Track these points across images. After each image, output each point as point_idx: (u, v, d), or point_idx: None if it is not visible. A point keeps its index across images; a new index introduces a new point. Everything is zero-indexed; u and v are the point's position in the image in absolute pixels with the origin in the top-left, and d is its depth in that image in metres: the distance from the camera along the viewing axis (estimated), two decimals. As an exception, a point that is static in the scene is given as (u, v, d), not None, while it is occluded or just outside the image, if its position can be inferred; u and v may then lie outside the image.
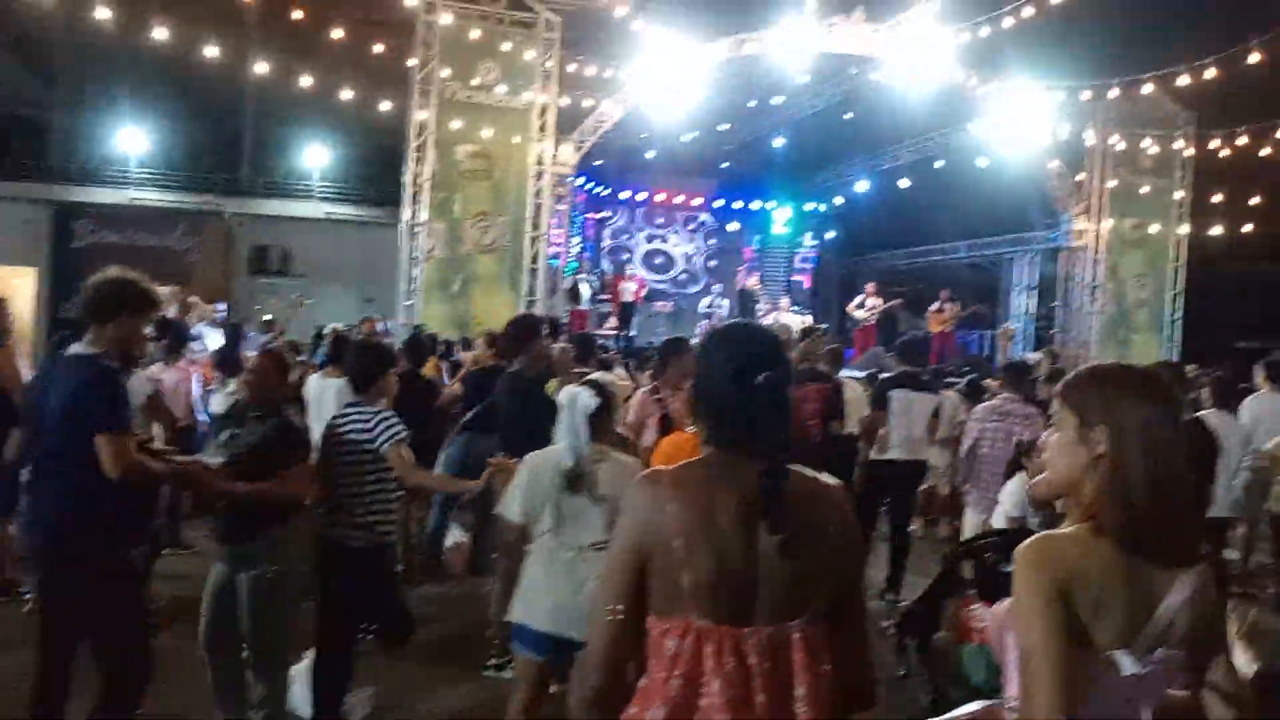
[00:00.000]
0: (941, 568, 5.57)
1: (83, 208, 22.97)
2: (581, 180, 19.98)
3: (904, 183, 20.07)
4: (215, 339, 10.70)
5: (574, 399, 3.74)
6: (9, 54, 23.73)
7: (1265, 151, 16.11)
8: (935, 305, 17.71)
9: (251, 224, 23.59)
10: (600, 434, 4.82)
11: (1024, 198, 18.72)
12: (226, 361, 7.46)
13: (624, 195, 23.14)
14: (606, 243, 23.21)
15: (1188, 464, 1.86)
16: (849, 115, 18.40)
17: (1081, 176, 17.82)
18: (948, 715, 2.22)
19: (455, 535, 6.52)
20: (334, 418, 4.32)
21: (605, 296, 20.36)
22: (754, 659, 1.87)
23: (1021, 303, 20.28)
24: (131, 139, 23.98)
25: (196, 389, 7.70)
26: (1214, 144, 17.05)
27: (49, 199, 22.94)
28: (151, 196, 23.48)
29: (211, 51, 14.65)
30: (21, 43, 22.97)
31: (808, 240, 23.94)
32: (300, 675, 4.33)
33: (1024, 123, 16.66)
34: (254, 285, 22.87)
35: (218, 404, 7.21)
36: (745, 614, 1.88)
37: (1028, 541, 1.88)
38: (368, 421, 4.16)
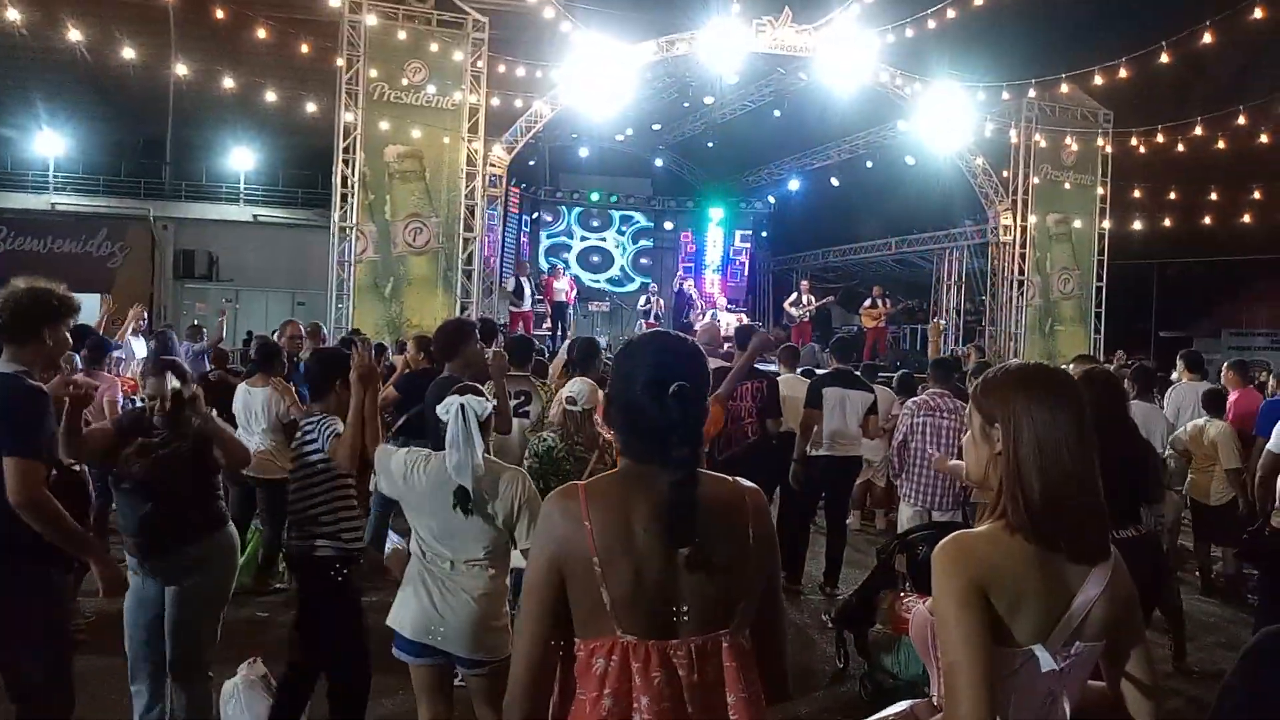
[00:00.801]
0: (877, 561, 5.64)
1: (0, 215, 22.27)
2: (515, 180, 19.88)
3: (834, 181, 20.32)
4: (140, 348, 10.42)
5: (464, 407, 3.41)
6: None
7: (1180, 148, 16.61)
8: (868, 301, 17.95)
9: (177, 228, 23.07)
10: (585, 436, 4.77)
11: (951, 195, 19.08)
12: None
13: (559, 195, 23.09)
14: (543, 243, 23.13)
15: (1088, 459, 1.87)
16: (779, 114, 18.59)
17: (1006, 173, 18.20)
18: (877, 715, 2.23)
19: (394, 541, 6.43)
20: (299, 429, 4.21)
21: (539, 297, 20.29)
22: (683, 671, 1.86)
23: (951, 297, 20.65)
24: (49, 143, 23.27)
25: (120, 400, 7.49)
26: (1131, 141, 17.54)
27: (-39, 206, 22.20)
28: (71, 201, 22.82)
29: (131, 53, 14.30)
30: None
31: (741, 238, 24.11)
32: (234, 692, 4.23)
33: (949, 121, 16.98)
34: (180, 290, 22.39)
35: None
36: (670, 626, 1.87)
37: (943, 543, 1.88)
38: (313, 431, 4.11)
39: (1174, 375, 8.51)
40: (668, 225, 23.83)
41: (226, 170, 24.27)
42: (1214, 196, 18.54)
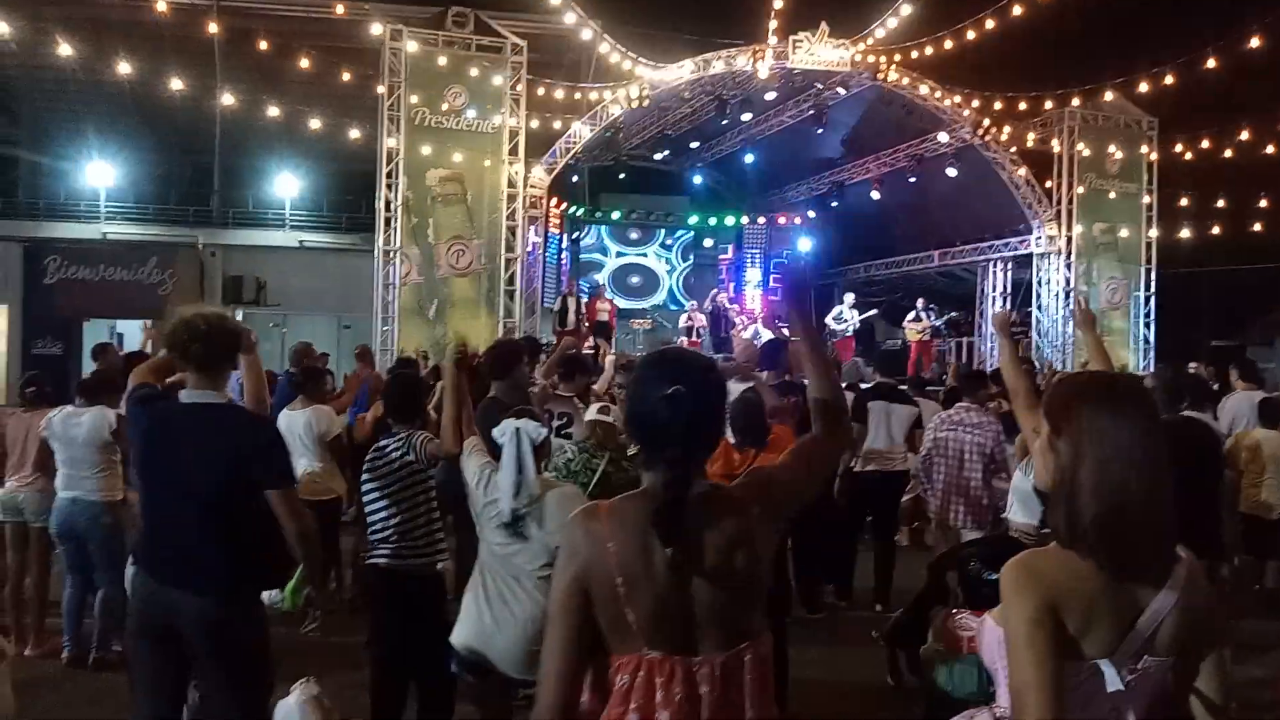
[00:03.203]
0: (927, 578, 5.57)
1: (53, 244, 22.75)
2: (555, 201, 20.00)
3: (876, 194, 20.21)
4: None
5: (519, 432, 3.49)
6: (-27, 92, 23.60)
7: (1227, 153, 16.34)
8: (912, 315, 17.81)
9: (225, 255, 23.43)
10: (609, 442, 4.83)
11: (994, 206, 18.89)
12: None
13: (598, 215, 23.16)
14: (582, 263, 23.20)
15: (1154, 476, 1.82)
16: (819, 130, 18.52)
17: (1050, 183, 18.01)
18: (935, 728, 2.21)
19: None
20: (375, 447, 4.28)
21: (583, 316, 20.36)
22: (705, 687, 1.86)
23: (996, 309, 20.40)
24: (100, 174, 23.81)
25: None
26: (1177, 148, 17.29)
27: (18, 236, 22.71)
28: (122, 230, 23.30)
29: (178, 84, 14.61)
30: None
31: (783, 254, 24.01)
32: (289, 713, 4.26)
33: (991, 133, 16.84)
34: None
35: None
36: (692, 642, 1.88)
37: (1011, 562, 1.86)
38: (401, 446, 4.16)
39: (1233, 383, 8.29)
40: (707, 243, 23.81)
41: (272, 197, 24.66)
42: (1264, 203, 18.21)
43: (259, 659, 3.38)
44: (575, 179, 21.83)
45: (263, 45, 13.87)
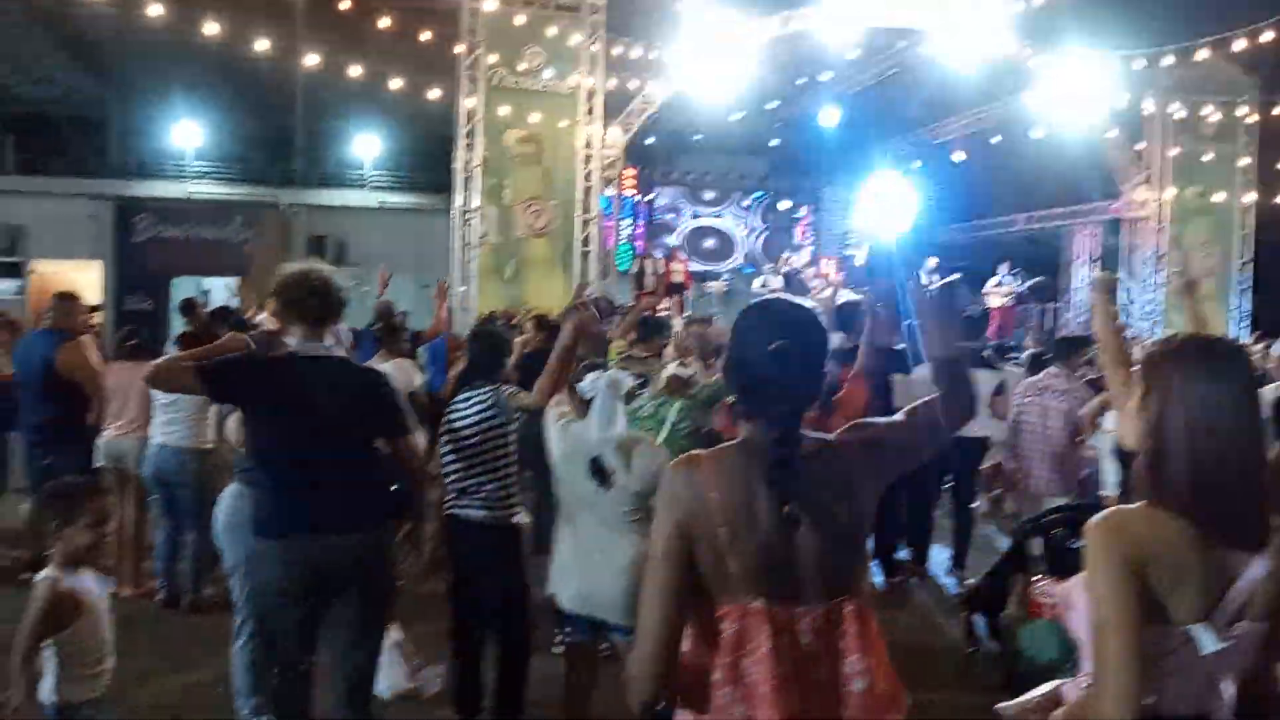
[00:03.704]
0: (1010, 544, 5.50)
1: (142, 202, 23.45)
2: (630, 162, 19.94)
3: (959, 156, 19.75)
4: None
5: (612, 382, 3.58)
6: (66, 54, 24.25)
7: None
8: (995, 279, 17.43)
9: (307, 214, 23.90)
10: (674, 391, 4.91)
11: (1082, 168, 18.33)
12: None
13: (673, 176, 23.04)
14: (658, 224, 23.15)
15: (1249, 440, 1.78)
16: (901, 89, 18.13)
17: (1141, 146, 17.39)
18: (1017, 699, 2.19)
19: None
20: (459, 400, 4.33)
21: (659, 278, 20.34)
22: (807, 637, 1.86)
23: (1083, 275, 19.87)
24: (187, 133, 24.38)
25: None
26: (1276, 110, 16.55)
27: (110, 194, 23.44)
28: (209, 189, 23.88)
29: (262, 44, 14.82)
30: (77, 42, 23.45)
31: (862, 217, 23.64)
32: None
33: (1080, 93, 16.29)
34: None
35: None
36: (795, 593, 1.87)
37: (1098, 516, 1.84)
38: (487, 400, 4.21)
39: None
40: (784, 205, 23.55)
41: (352, 157, 25.02)
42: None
43: (390, 594, 3.62)
44: (651, 140, 21.73)
45: (345, 5, 14.00)
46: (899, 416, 2.08)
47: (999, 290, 17.22)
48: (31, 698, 2.78)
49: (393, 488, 3.58)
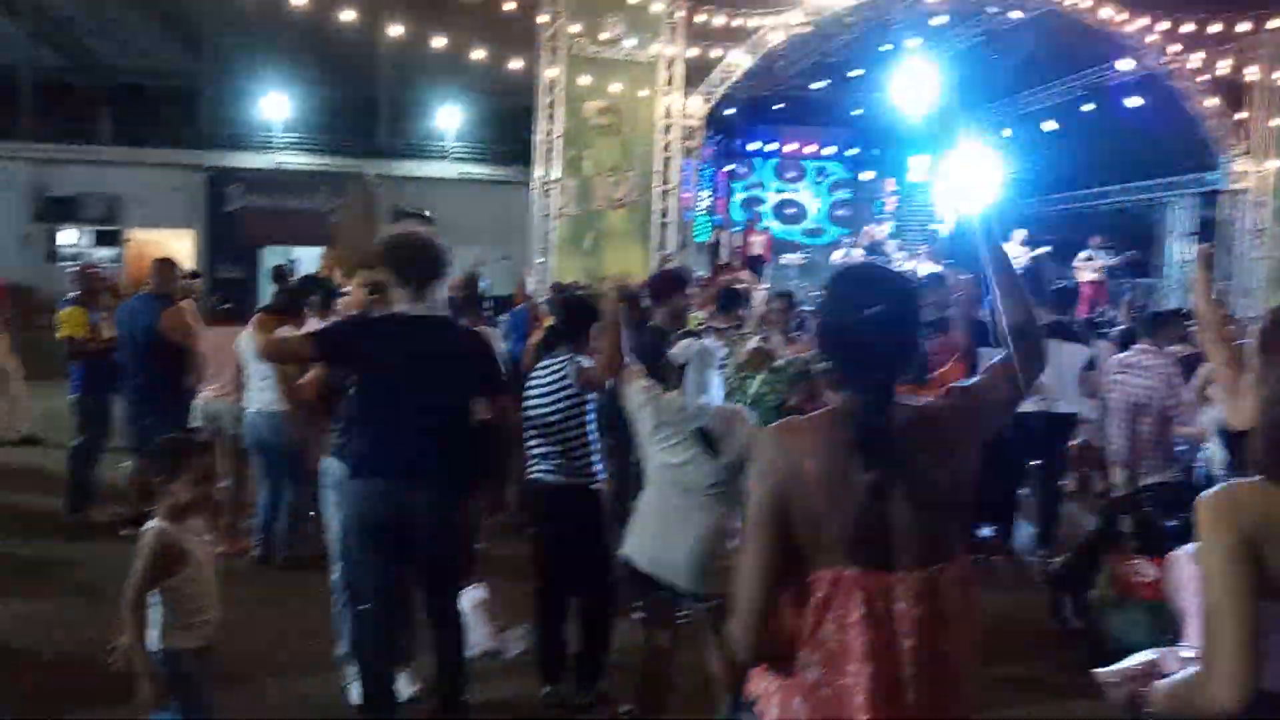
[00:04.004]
0: (1100, 521, 5.39)
1: (233, 173, 24.06)
2: (710, 133, 19.80)
3: (1049, 125, 19.20)
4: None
5: (704, 351, 3.59)
6: (161, 27, 24.90)
7: None
8: (1085, 253, 16.95)
9: (390, 185, 24.25)
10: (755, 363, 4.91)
11: (1178, 139, 17.68)
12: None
13: (753, 147, 22.82)
14: (737, 195, 22.99)
15: None
16: (989, 57, 17.66)
17: (1242, 115, 16.69)
18: (1119, 664, 2.15)
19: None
20: (541, 367, 4.41)
21: (737, 249, 20.24)
22: (905, 603, 1.84)
23: (1179, 249, 19.22)
24: (276, 105, 24.90)
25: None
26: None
27: (202, 165, 24.08)
28: (296, 160, 24.39)
29: (348, 15, 15.01)
30: (172, 15, 24.06)
31: (945, 190, 23.15)
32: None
33: (1176, 60, 15.68)
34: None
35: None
36: (890, 560, 1.86)
37: (1210, 492, 1.81)
38: (563, 368, 4.26)
39: None
40: (866, 176, 23.18)
41: (435, 128, 25.31)
42: None
43: (471, 547, 3.82)
44: (731, 110, 21.55)
45: (430, -24, 14.11)
46: (982, 376, 2.08)
47: (1089, 264, 16.73)
48: (141, 643, 2.91)
49: (481, 447, 3.71)
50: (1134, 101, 16.65)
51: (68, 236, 24.54)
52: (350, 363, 3.73)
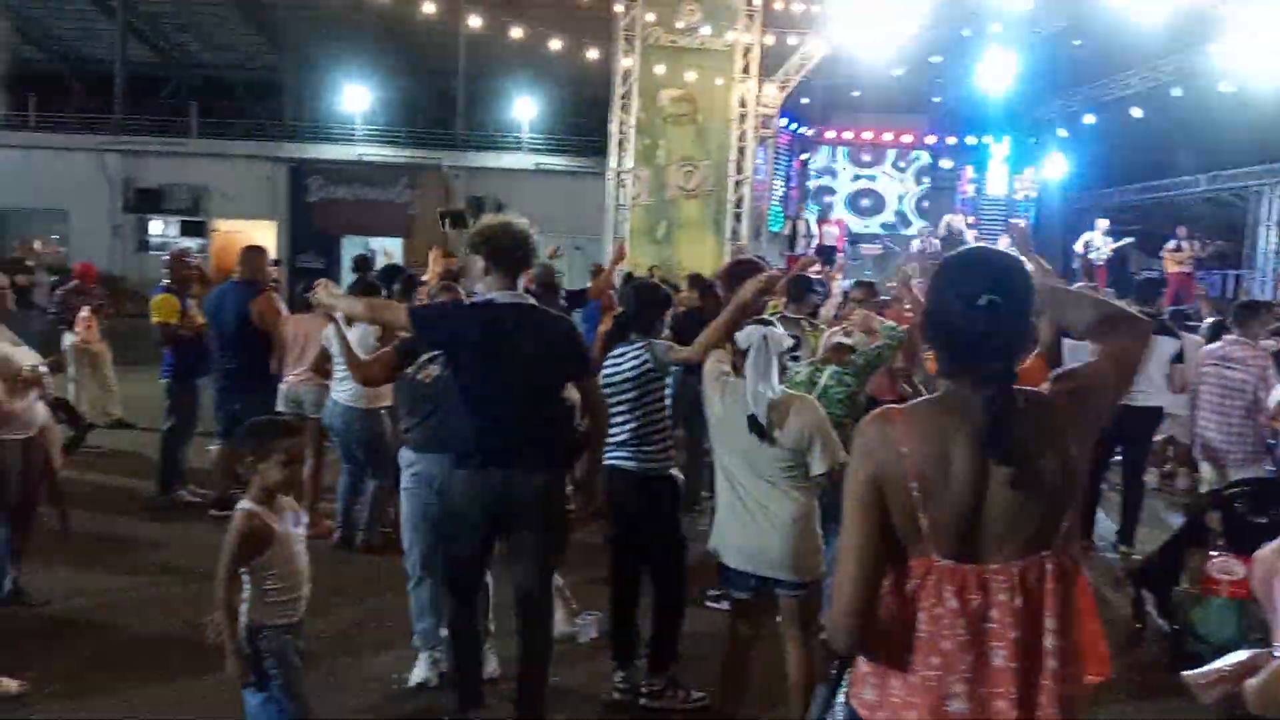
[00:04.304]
0: (1185, 518, 5.24)
1: (314, 165, 24.57)
2: (785, 121, 19.64)
3: (1136, 112, 18.65)
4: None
5: (765, 338, 3.54)
6: (246, 23, 25.53)
7: None
8: (1172, 244, 16.44)
9: (466, 176, 24.56)
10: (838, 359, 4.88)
11: (1273, 125, 17.03)
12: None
13: (829, 135, 22.57)
14: (811, 184, 22.79)
15: None
16: (1073, 42, 17.23)
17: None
18: (1213, 664, 2.09)
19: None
20: (614, 356, 4.42)
21: (812, 239, 20.07)
22: (1003, 595, 1.81)
23: (1271, 241, 18.54)
24: (356, 98, 25.36)
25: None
26: None
27: (285, 157, 24.63)
28: (375, 152, 24.81)
29: (428, 8, 15.22)
30: (256, 11, 24.63)
31: (1028, 177, 22.64)
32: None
33: (1273, 42, 15.08)
34: (466, 238, 23.83)
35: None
36: (988, 550, 1.83)
37: None
38: (641, 354, 4.29)
39: None
40: (945, 164, 22.79)
41: (510, 120, 25.55)
42: None
43: (564, 530, 3.90)
44: (806, 99, 21.36)
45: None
46: (1097, 358, 2.01)
47: (1176, 255, 16.24)
48: (231, 620, 3.00)
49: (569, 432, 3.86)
50: (1227, 86, 16.07)
51: (156, 227, 25.34)
52: (442, 341, 3.81)
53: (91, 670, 4.38)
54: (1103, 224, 17.29)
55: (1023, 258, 2.25)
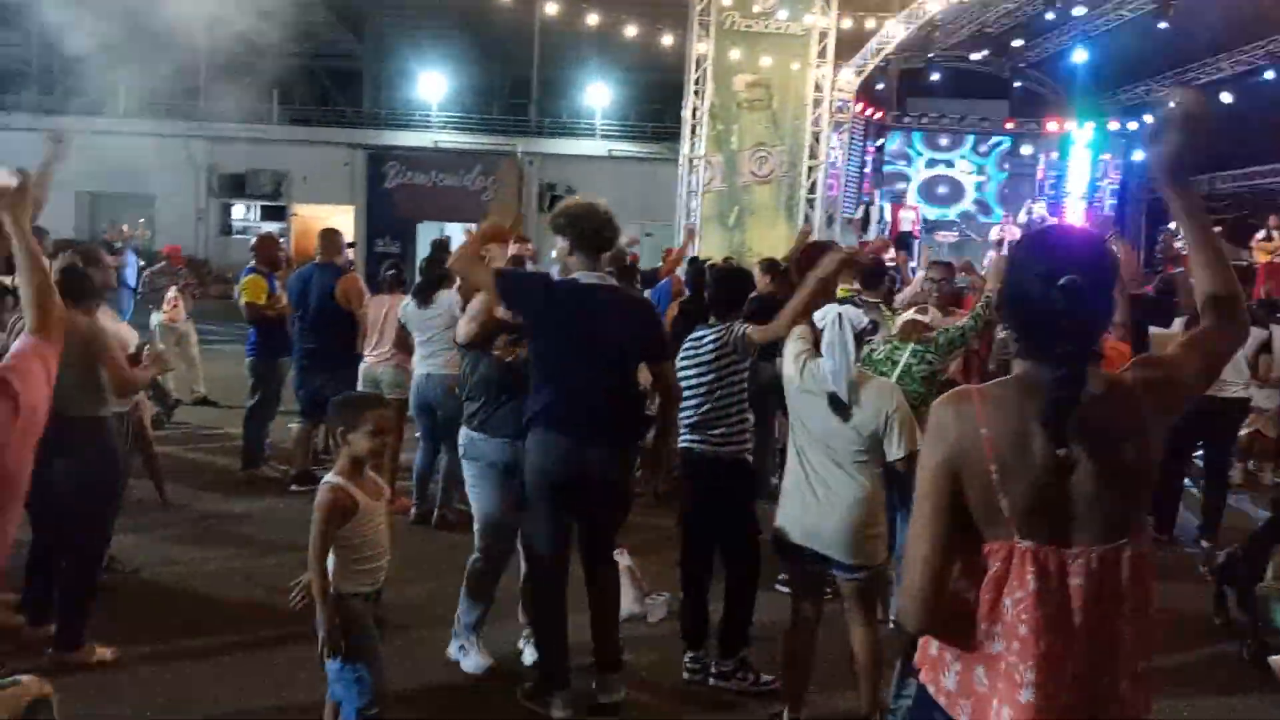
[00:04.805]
0: (1272, 512, 5.11)
1: (391, 151, 24.95)
2: (860, 106, 19.40)
3: (1226, 97, 18.06)
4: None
5: (841, 317, 3.51)
6: (326, 9, 25.94)
7: None
8: (1261, 233, 15.90)
9: (540, 163, 24.74)
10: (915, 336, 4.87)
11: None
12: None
13: (905, 121, 22.24)
14: (886, 171, 22.49)
15: None
16: (1162, 24, 16.72)
17: None
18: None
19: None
20: (693, 339, 4.43)
21: (887, 225, 19.83)
22: (1079, 579, 1.79)
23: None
24: (432, 85, 25.66)
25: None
26: None
27: (363, 143, 25.06)
28: (451, 139, 25.09)
29: (505, -3, 15.33)
30: (336, -1, 25.01)
31: (1112, 164, 22.07)
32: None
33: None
34: (544, 223, 24.02)
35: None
36: (1067, 535, 1.81)
37: None
38: (721, 337, 4.30)
39: None
40: (1025, 150, 22.31)
41: (584, 107, 25.64)
42: None
43: (629, 505, 4.10)
44: (881, 85, 21.09)
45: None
46: (1185, 347, 1.98)
47: (1267, 245, 15.70)
48: (323, 590, 3.10)
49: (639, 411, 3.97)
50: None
51: (239, 211, 25.98)
52: (526, 312, 3.89)
53: (180, 637, 4.55)
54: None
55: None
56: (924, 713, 1.97)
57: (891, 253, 18.02)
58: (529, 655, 4.36)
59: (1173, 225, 16.48)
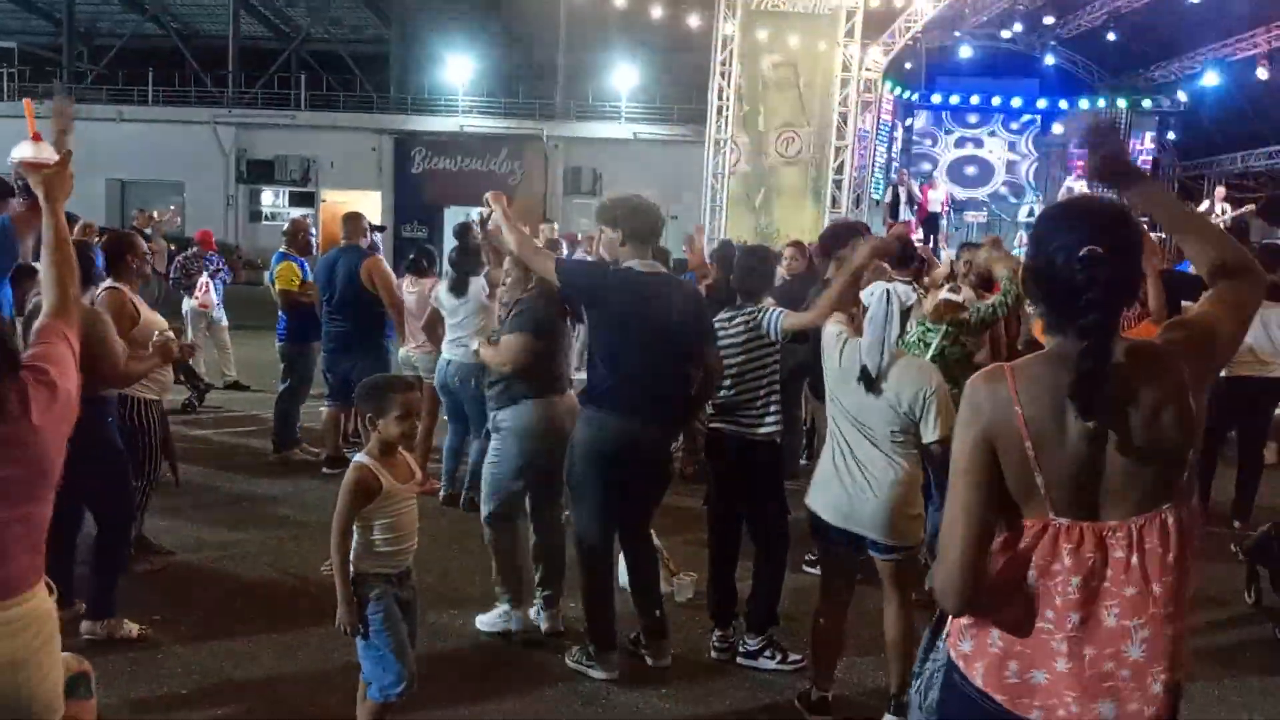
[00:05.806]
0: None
1: (418, 136, 25.00)
2: (889, 85, 19.21)
3: (1262, 73, 17.75)
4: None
5: (889, 293, 3.51)
6: (353, -4, 26.03)
7: None
8: (1298, 209, 15.68)
9: (565, 146, 24.71)
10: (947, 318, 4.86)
11: None
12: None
13: (934, 99, 22.00)
14: (914, 150, 22.28)
15: None
16: (1195, 0, 16.46)
17: None
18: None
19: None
20: (722, 318, 4.42)
21: (916, 205, 19.66)
22: (1120, 552, 1.78)
23: None
24: (458, 69, 25.67)
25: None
26: None
27: (389, 129, 25.13)
28: (477, 123, 25.11)
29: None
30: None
31: (1145, 141, 21.76)
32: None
33: None
34: (570, 206, 24.03)
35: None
36: (1105, 507, 1.80)
37: None
38: (751, 320, 4.30)
39: None
40: (1056, 129, 22.03)
41: (609, 90, 25.57)
42: None
43: (668, 484, 4.32)
44: (909, 65, 20.87)
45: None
46: (1210, 303, 1.94)
47: (1304, 222, 15.48)
48: (343, 570, 3.13)
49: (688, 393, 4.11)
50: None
51: (267, 198, 26.15)
52: (586, 298, 4.08)
53: (214, 616, 4.61)
54: (1220, 191, 16.54)
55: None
56: (949, 677, 1.97)
57: (919, 234, 17.92)
58: (543, 622, 4.53)
59: (1203, 206, 16.25)
